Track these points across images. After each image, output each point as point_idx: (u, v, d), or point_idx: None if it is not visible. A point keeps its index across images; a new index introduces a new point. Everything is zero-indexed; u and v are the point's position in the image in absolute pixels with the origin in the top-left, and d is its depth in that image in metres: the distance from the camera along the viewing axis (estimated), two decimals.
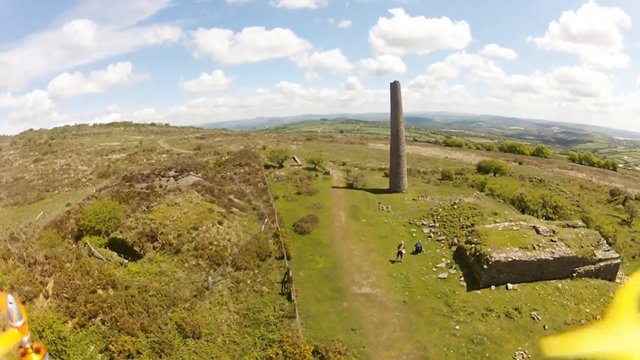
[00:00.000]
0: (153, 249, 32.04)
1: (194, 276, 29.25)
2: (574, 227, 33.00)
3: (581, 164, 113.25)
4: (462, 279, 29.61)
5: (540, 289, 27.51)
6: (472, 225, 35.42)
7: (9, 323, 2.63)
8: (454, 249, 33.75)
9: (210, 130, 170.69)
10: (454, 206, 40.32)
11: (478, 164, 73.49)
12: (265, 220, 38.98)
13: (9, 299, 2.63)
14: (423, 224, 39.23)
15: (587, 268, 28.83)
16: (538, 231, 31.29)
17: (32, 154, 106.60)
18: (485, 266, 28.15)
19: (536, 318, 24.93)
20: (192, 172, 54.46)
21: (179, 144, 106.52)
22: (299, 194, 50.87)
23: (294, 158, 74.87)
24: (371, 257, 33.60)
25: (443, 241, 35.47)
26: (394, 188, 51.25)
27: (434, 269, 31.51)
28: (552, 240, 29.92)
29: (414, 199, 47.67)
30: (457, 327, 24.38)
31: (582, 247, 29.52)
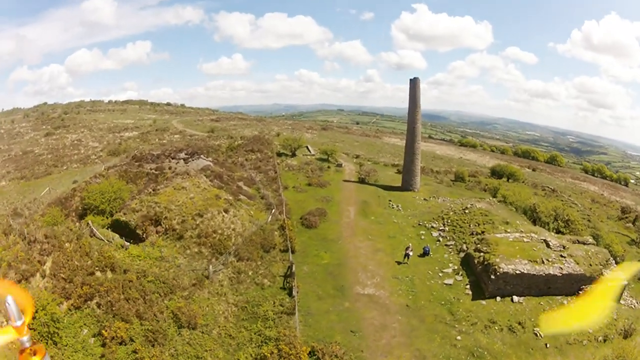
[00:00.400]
0: (156, 233, 31.57)
1: (195, 264, 28.69)
2: (584, 244, 32.05)
3: (594, 175, 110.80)
4: (468, 287, 28.78)
5: (546, 304, 26.69)
6: (483, 232, 34.50)
7: (9, 323, 2.74)
8: (462, 255, 32.85)
9: (225, 114, 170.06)
10: (466, 211, 39.27)
11: (492, 168, 72.08)
12: (273, 210, 38.26)
13: (8, 300, 2.70)
14: (432, 227, 38.23)
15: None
16: (548, 245, 30.38)
17: (44, 127, 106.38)
18: (492, 276, 27.32)
19: (539, 335, 24.07)
20: (203, 156, 53.85)
21: (192, 126, 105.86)
22: (309, 185, 50.04)
23: (307, 147, 73.88)
24: (377, 257, 32.77)
25: (452, 246, 34.52)
26: (406, 186, 50.20)
27: (440, 274, 30.64)
28: (562, 256, 29.01)
29: (425, 199, 46.60)
30: (459, 338, 23.54)
31: (591, 266, 28.59)
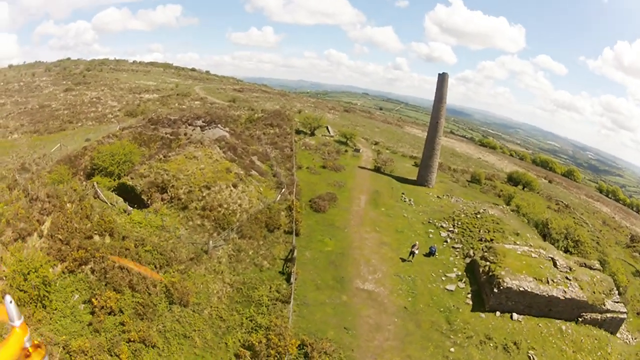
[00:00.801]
0: (161, 200, 31.06)
1: (196, 236, 28.16)
2: (590, 269, 30.80)
3: (607, 196, 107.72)
4: (469, 296, 27.80)
5: (544, 327, 25.66)
6: (492, 240, 33.32)
7: (9, 322, 2.68)
8: (468, 260, 31.75)
9: (249, 84, 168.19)
10: (477, 215, 37.95)
11: (509, 174, 70.36)
12: (283, 190, 37.38)
13: (7, 299, 2.70)
14: (442, 227, 37.03)
15: (594, 316, 26.92)
16: (555, 264, 29.17)
17: (65, 83, 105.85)
18: (495, 290, 26.32)
19: (532, 358, 23.13)
20: (220, 125, 52.97)
21: (215, 93, 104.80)
22: (323, 167, 49.01)
23: (327, 128, 72.51)
24: (382, 251, 31.81)
25: (459, 249, 33.40)
26: (421, 181, 48.86)
27: (444, 277, 29.61)
28: (567, 278, 27.90)
29: (438, 197, 45.23)
30: (452, 350, 22.63)
31: (594, 293, 27.42)
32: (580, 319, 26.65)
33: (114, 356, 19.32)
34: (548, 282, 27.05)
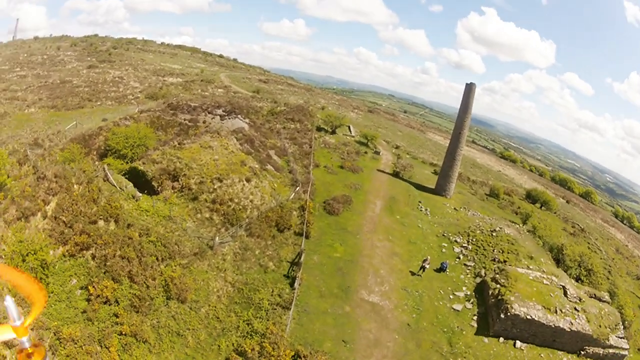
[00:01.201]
0: (172, 189, 30.44)
1: (202, 230, 27.46)
2: (600, 300, 29.77)
3: (622, 222, 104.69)
4: (475, 318, 26.76)
5: (546, 358, 24.71)
6: (505, 262, 32.26)
7: (9, 322, 2.64)
8: (478, 280, 30.68)
9: (276, 76, 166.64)
10: (493, 233, 36.72)
11: (528, 191, 68.34)
12: (297, 188, 36.48)
13: (7, 299, 2.61)
14: (456, 241, 35.78)
15: (596, 350, 25.94)
16: (566, 293, 28.05)
17: (89, 59, 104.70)
18: (502, 315, 25.31)
19: None
20: (240, 116, 52.28)
21: (239, 82, 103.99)
22: (341, 167, 47.82)
23: (349, 127, 71.19)
24: (392, 262, 30.69)
25: (470, 267, 32.22)
26: (439, 190, 47.47)
27: (451, 296, 28.50)
28: (576, 309, 26.81)
29: (455, 209, 43.78)
30: None
31: (600, 327, 26.35)
32: (582, 352, 25.75)
33: (103, 348, 18.78)
34: (556, 312, 26.05)
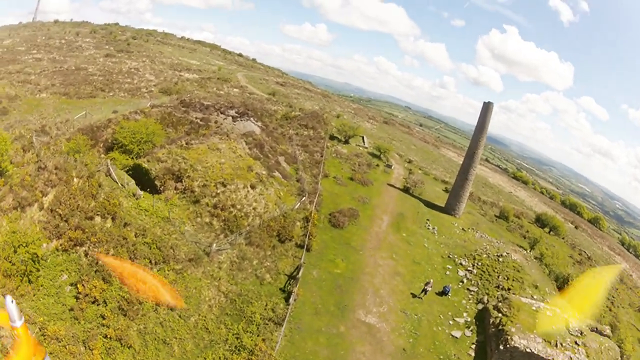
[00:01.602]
0: (174, 189, 29.86)
1: (201, 235, 26.79)
2: (600, 334, 28.92)
3: (628, 250, 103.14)
4: (473, 346, 25.87)
5: None
6: (509, 290, 31.35)
7: (10, 323, 2.76)
8: (480, 307, 29.77)
9: (294, 79, 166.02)
10: (500, 259, 35.81)
11: (538, 215, 67.22)
12: (303, 199, 35.57)
13: (8, 299, 2.78)
14: (461, 264, 34.83)
15: None
16: (568, 326, 27.21)
17: (107, 47, 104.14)
18: (501, 347, 24.39)
19: None
20: (253, 119, 51.67)
21: (256, 83, 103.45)
22: (351, 179, 46.91)
23: (362, 138, 70.31)
24: (394, 282, 29.76)
25: (473, 293, 31.29)
26: (449, 209, 46.45)
27: (451, 321, 27.59)
28: (576, 343, 25.86)
29: (463, 229, 42.73)
30: None
31: None
32: None
33: (87, 349, 18.21)
34: (556, 346, 25.07)
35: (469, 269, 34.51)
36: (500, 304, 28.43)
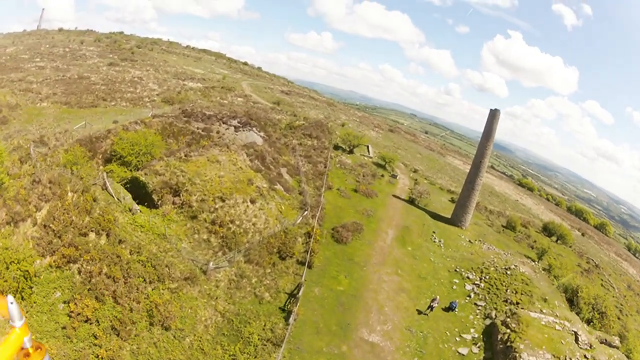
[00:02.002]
0: (172, 204, 29.14)
1: (198, 252, 26.05)
2: (610, 346, 28.61)
3: (635, 255, 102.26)
4: None
5: None
6: (517, 304, 30.52)
7: (10, 323, 2.71)
8: (488, 322, 28.92)
9: (299, 88, 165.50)
10: (507, 272, 34.99)
11: (545, 224, 66.51)
12: (305, 213, 34.72)
13: (9, 299, 2.70)
14: (468, 278, 33.96)
15: None
16: (577, 339, 26.69)
17: (111, 56, 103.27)
18: None
19: None
20: (256, 129, 51.05)
21: (261, 92, 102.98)
22: (355, 191, 46.08)
23: (367, 147, 69.45)
24: (399, 298, 28.88)
25: (481, 308, 30.47)
26: (455, 220, 45.55)
27: (458, 338, 26.77)
28: (586, 357, 25.25)
29: (470, 242, 41.83)
30: None
31: None
32: None
33: None
34: None
35: (476, 282, 33.67)
36: (508, 319, 27.80)
